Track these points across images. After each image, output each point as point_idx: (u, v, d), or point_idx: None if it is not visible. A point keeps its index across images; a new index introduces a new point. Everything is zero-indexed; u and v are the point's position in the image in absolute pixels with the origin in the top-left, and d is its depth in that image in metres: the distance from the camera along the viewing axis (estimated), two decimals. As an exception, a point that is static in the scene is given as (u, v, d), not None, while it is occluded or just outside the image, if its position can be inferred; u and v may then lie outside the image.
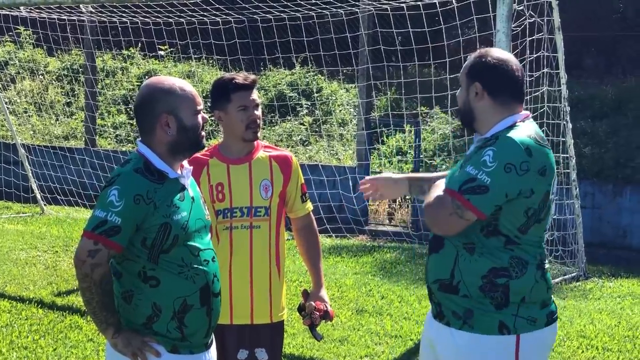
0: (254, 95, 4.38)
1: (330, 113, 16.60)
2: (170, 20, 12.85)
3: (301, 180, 4.57)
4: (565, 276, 10.04)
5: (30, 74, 18.27)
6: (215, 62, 17.81)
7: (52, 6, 12.08)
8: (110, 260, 3.42)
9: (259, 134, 4.43)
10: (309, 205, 4.63)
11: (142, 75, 17.77)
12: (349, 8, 11.64)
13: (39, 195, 13.84)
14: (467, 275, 3.49)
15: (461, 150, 12.42)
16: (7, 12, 13.17)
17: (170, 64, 18.59)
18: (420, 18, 10.83)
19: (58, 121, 17.60)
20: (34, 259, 10.02)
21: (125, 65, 18.28)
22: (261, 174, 4.41)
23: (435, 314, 3.66)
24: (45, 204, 13.91)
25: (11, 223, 12.53)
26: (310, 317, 4.45)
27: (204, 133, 3.61)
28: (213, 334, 3.73)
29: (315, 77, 17.28)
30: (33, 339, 7.01)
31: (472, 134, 3.76)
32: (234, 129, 4.37)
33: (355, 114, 15.26)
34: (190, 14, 12.46)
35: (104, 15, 13.42)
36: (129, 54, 18.27)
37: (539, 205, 3.49)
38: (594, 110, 15.21)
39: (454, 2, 10.05)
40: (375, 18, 12.51)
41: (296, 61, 17.11)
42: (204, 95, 15.69)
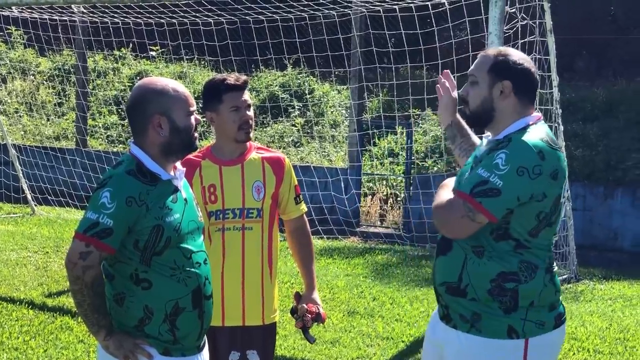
0: (246, 96, 4.37)
1: (322, 114, 16.60)
2: (162, 20, 12.83)
3: (294, 181, 4.55)
4: (557, 278, 10.04)
5: (21, 74, 18.21)
6: (207, 63, 17.78)
7: (44, 6, 12.05)
8: (101, 263, 3.41)
9: (252, 135, 4.43)
10: (303, 207, 4.61)
11: (134, 76, 17.74)
12: (341, 9, 11.63)
13: (29, 196, 13.80)
14: (476, 279, 3.47)
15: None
16: (-2, 12, 13.14)
17: (162, 65, 18.56)
18: (413, 20, 10.84)
19: (49, 121, 17.55)
20: (24, 259, 9.98)
21: (117, 66, 18.24)
22: (253, 175, 4.40)
23: (442, 316, 3.64)
24: (36, 205, 13.86)
25: (1, 223, 12.49)
26: (302, 320, 4.44)
27: (197, 134, 3.60)
28: (205, 336, 3.72)
29: (307, 79, 17.28)
30: (23, 340, 6.98)
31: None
32: (226, 130, 4.36)
33: (347, 115, 15.25)
34: (182, 14, 12.45)
35: (95, 15, 13.39)
36: (121, 54, 18.23)
37: (550, 209, 3.46)
38: (585, 113, 15.24)
39: (446, 4, 10.06)
40: (367, 20, 12.51)
41: (288, 62, 17.11)
42: (195, 96, 15.64)
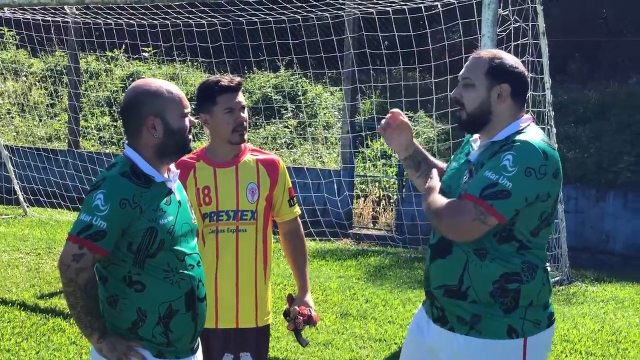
0: (240, 98, 4.36)
1: (314, 116, 16.60)
2: (155, 22, 12.81)
3: (288, 184, 4.55)
4: (549, 280, 10.06)
5: (13, 74, 18.16)
6: (200, 65, 17.77)
7: (36, 7, 12.02)
8: (95, 265, 3.40)
9: (246, 137, 4.42)
10: (297, 210, 4.61)
11: (126, 77, 17.71)
12: (335, 11, 11.63)
13: (21, 197, 13.76)
14: (478, 281, 3.47)
15: (446, 154, 12.43)
16: (-9, 13, 13.11)
17: (155, 66, 18.53)
18: (406, 22, 10.85)
19: (41, 122, 17.51)
20: (16, 261, 9.95)
21: (109, 67, 18.21)
22: (248, 177, 4.39)
23: (436, 318, 3.63)
24: (28, 206, 13.82)
25: (-7, 225, 12.47)
26: (294, 322, 4.44)
27: (191, 136, 3.60)
28: (199, 339, 3.71)
29: (300, 80, 17.28)
30: (16, 342, 6.96)
31: (464, 135, 3.73)
32: (221, 131, 4.35)
33: (340, 117, 15.26)
34: (175, 16, 12.43)
35: (88, 16, 13.37)
36: (113, 55, 18.20)
37: (551, 209, 3.50)
38: (577, 115, 15.27)
39: (439, 7, 10.07)
40: (360, 21, 12.51)
41: (281, 64, 17.10)
42: (188, 97, 15.62)
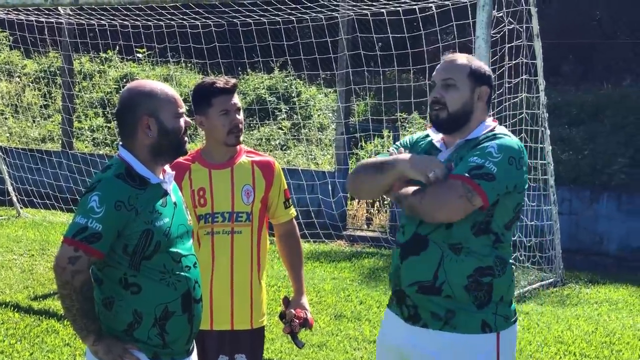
0: (235, 100, 4.36)
1: (309, 117, 16.59)
2: (149, 23, 12.80)
3: (284, 186, 4.55)
4: (543, 282, 10.08)
5: (7, 75, 18.12)
6: (194, 66, 17.75)
7: (30, 8, 12.00)
8: (90, 267, 3.39)
9: (241, 139, 4.42)
10: (292, 211, 4.60)
11: (120, 78, 17.69)
12: (329, 13, 11.63)
13: (15, 198, 13.73)
14: (453, 276, 3.52)
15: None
16: (-16, 14, 13.08)
17: (148, 67, 18.50)
18: (400, 24, 10.84)
19: (35, 123, 17.48)
20: (9, 262, 9.93)
21: (103, 68, 18.18)
22: (243, 179, 4.39)
23: (406, 317, 3.64)
24: (21, 207, 13.80)
25: (-13, 226, 12.44)
26: (289, 325, 4.44)
27: (187, 138, 3.59)
28: (194, 340, 3.70)
29: (294, 82, 17.27)
30: (9, 343, 6.95)
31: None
32: (216, 133, 4.35)
33: (334, 118, 15.25)
34: (169, 17, 12.42)
35: (82, 17, 13.34)
36: (107, 56, 18.17)
37: (522, 202, 3.65)
38: (571, 117, 15.28)
39: (433, 8, 10.07)
40: (355, 23, 12.51)
41: (275, 65, 17.09)
42: (182, 99, 15.60)
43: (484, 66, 3.74)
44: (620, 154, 13.66)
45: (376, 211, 14.17)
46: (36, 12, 12.92)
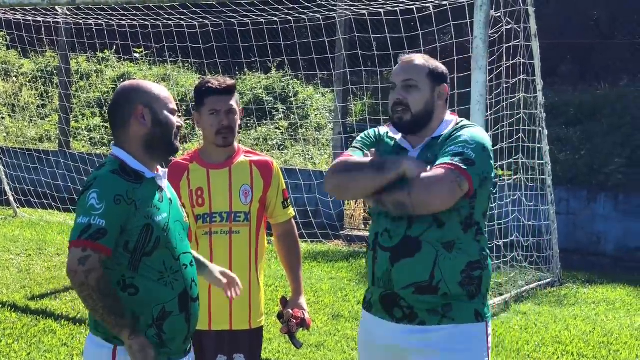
0: (230, 101, 4.32)
1: (306, 117, 16.58)
2: (146, 22, 12.79)
3: (282, 186, 4.54)
4: (540, 282, 10.08)
5: (4, 75, 18.11)
6: (191, 66, 17.74)
7: (27, 8, 11.98)
8: (102, 265, 3.31)
9: (232, 141, 4.38)
10: (291, 211, 4.60)
11: (117, 78, 17.67)
12: (327, 13, 11.63)
13: (12, 198, 13.71)
14: (448, 274, 3.57)
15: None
16: (-19, 13, 13.06)
17: (146, 67, 18.49)
18: (398, 24, 10.84)
19: (32, 123, 17.46)
20: (7, 262, 9.92)
21: (100, 68, 18.17)
22: (241, 179, 4.38)
23: (399, 318, 3.65)
24: (18, 207, 13.78)
25: (-16, 226, 12.42)
26: (287, 325, 4.43)
27: (179, 137, 3.59)
28: (191, 339, 3.69)
29: (292, 82, 17.26)
30: (6, 344, 6.94)
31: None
32: (207, 133, 4.37)
33: (331, 118, 15.25)
34: (166, 16, 12.41)
35: (79, 17, 13.33)
36: (104, 56, 18.16)
37: (493, 190, 3.72)
38: (569, 117, 15.30)
39: (431, 8, 10.06)
40: (352, 23, 12.50)
41: (272, 65, 17.09)
42: (179, 98, 15.62)
43: (441, 65, 3.80)
44: (617, 154, 13.67)
45: (374, 211, 14.16)
46: (33, 12, 12.90)
